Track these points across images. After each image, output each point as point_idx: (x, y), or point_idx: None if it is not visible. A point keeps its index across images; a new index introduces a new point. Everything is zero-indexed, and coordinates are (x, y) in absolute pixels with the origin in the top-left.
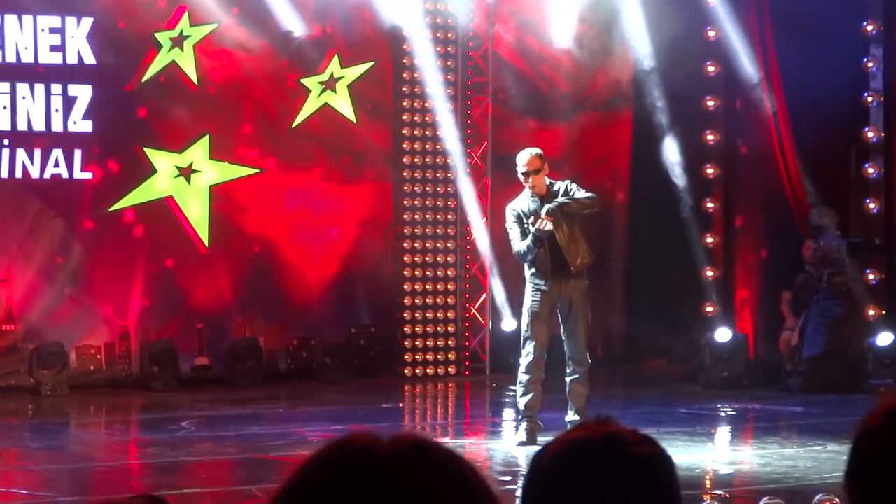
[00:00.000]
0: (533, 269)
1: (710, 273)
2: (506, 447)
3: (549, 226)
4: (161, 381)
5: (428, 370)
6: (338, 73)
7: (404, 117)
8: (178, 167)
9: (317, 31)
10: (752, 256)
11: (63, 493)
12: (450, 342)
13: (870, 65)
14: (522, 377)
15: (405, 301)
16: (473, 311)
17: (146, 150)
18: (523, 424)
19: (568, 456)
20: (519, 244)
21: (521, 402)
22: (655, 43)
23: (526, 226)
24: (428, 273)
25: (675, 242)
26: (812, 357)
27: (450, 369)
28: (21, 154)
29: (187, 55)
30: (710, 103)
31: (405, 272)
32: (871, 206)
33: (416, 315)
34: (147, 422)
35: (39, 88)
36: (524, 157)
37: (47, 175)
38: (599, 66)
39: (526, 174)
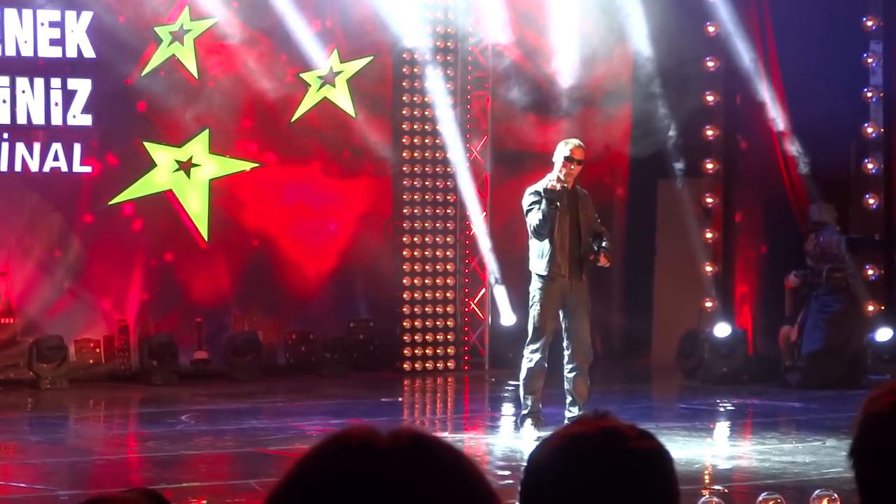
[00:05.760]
0: (551, 265)
1: (709, 268)
2: (505, 442)
3: (606, 264)
4: (160, 374)
5: (427, 364)
6: (337, 68)
7: (404, 112)
8: (177, 161)
9: (316, 26)
10: (751, 252)
11: (62, 486)
12: (449, 337)
13: (870, 60)
14: (527, 371)
15: (404, 295)
16: (473, 305)
17: (146, 144)
18: (525, 419)
19: (566, 451)
20: (533, 217)
21: (524, 396)
22: (655, 38)
23: (542, 196)
24: (427, 268)
25: (674, 236)
26: (811, 352)
27: (449, 364)
28: (20, 148)
29: (187, 49)
30: (710, 98)
31: (404, 267)
32: (871, 201)
33: (416, 309)
34: (146, 415)
35: (39, 82)
36: (579, 149)
37: (46, 169)
38: (599, 60)
39: (573, 161)
